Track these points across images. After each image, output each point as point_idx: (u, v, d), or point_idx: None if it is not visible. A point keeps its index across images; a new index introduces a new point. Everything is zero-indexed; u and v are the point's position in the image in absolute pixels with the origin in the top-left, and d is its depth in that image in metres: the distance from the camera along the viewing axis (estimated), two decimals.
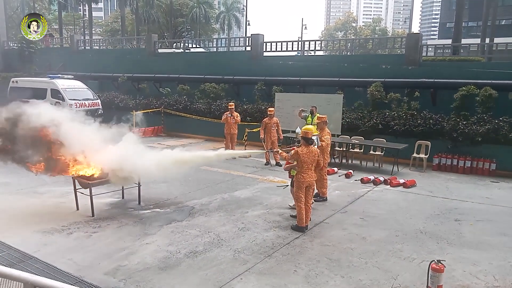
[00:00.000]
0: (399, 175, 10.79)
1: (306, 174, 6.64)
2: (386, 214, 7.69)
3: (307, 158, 6.58)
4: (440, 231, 6.83)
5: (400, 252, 5.94)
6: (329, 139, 8.44)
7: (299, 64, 16.51)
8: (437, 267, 4.48)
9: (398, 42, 16.03)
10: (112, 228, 6.63)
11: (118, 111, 19.04)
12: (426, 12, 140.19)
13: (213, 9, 54.13)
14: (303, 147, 6.63)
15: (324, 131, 8.41)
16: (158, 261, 5.46)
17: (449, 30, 42.57)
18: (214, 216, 7.36)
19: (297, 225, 6.72)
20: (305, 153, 6.57)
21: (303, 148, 6.62)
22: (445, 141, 11.89)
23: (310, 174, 6.71)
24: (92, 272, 5.10)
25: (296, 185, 6.74)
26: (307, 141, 6.64)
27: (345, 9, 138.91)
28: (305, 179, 6.65)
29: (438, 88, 13.02)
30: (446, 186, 9.94)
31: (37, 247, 5.73)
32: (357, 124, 13.08)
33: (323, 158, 8.02)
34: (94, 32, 46.08)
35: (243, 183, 9.79)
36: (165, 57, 21.14)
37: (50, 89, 18.25)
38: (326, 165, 8.50)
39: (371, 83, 13.69)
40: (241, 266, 5.38)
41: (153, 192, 8.55)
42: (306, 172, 6.65)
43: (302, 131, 6.77)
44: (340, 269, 5.35)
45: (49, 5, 46.84)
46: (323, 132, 8.39)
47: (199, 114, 16.64)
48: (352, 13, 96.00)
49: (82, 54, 24.29)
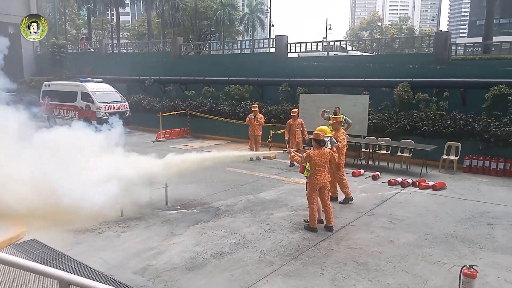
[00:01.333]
0: (428, 177, 10.54)
1: (319, 175, 6.65)
2: (414, 217, 7.52)
3: (319, 160, 6.59)
4: (472, 235, 6.62)
5: (430, 256, 5.80)
6: (345, 140, 8.39)
7: (323, 65, 16.38)
8: (469, 273, 4.35)
9: (425, 41, 15.66)
10: (141, 228, 6.77)
11: (145, 113, 19.50)
12: (455, 10, 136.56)
13: (237, 11, 54.43)
14: (315, 149, 6.65)
15: (340, 132, 8.36)
16: (185, 261, 5.53)
17: (479, 27, 41.35)
18: (239, 217, 7.39)
19: (309, 225, 6.75)
20: (317, 155, 6.58)
21: (314, 150, 6.64)
22: (476, 142, 11.52)
23: (323, 176, 6.71)
24: (122, 271, 5.22)
25: (309, 187, 6.75)
26: (319, 143, 6.64)
27: (371, 8, 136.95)
28: (318, 181, 6.66)
29: (468, 88, 12.63)
30: (478, 189, 9.64)
31: (70, 245, 5.91)
32: (384, 125, 12.86)
33: (339, 158, 7.95)
34: (121, 36, 47.25)
35: (268, 185, 9.79)
36: (190, 60, 21.44)
37: (80, 92, 18.80)
38: (342, 166, 8.41)
39: (398, 83, 13.43)
40: (267, 267, 5.38)
41: (180, 193, 8.67)
42: (319, 173, 6.65)
43: (313, 132, 6.77)
44: (368, 273, 5.27)
45: (79, 11, 48.28)
46: (339, 132, 8.33)
47: (224, 115, 16.76)
48: (378, 12, 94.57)
49: (110, 57, 24.91)
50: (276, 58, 17.56)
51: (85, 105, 18.57)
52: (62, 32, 38.89)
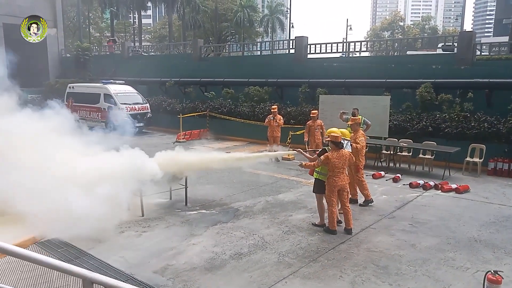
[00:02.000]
0: (451, 179, 10.31)
1: (338, 177, 6.60)
2: (437, 220, 7.37)
3: (337, 162, 6.52)
4: (497, 239, 6.44)
5: (452, 260, 5.67)
6: (363, 141, 8.27)
7: (344, 66, 16.26)
8: (494, 278, 4.24)
9: (449, 40, 15.34)
10: (161, 228, 6.85)
11: (166, 114, 19.75)
12: (480, 8, 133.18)
13: (257, 12, 54.53)
14: (333, 151, 6.58)
15: (358, 133, 8.27)
16: (204, 262, 5.57)
17: (505, 26, 40.16)
18: (258, 218, 7.40)
19: (329, 228, 6.70)
20: (335, 157, 6.52)
21: (333, 152, 6.57)
22: (501, 144, 11.21)
23: (342, 178, 6.66)
24: (142, 270, 5.30)
25: (328, 189, 6.69)
26: (337, 145, 6.59)
27: (392, 8, 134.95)
28: (337, 183, 6.60)
29: (493, 89, 12.31)
30: (503, 192, 9.36)
31: (92, 244, 6.04)
32: (405, 127, 12.66)
33: (358, 160, 7.86)
34: (143, 38, 48.01)
35: (287, 186, 9.77)
36: (210, 61, 21.61)
37: (103, 94, 19.22)
38: (362, 168, 8.32)
39: (420, 84, 13.20)
40: (285, 269, 5.37)
41: (199, 194, 8.75)
42: (338, 176, 6.60)
43: (331, 135, 6.65)
44: (388, 277, 5.19)
45: (102, 14, 49.32)
46: (357, 133, 8.24)
47: (243, 117, 16.83)
48: (399, 12, 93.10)
49: (132, 60, 25.35)
50: (296, 59, 17.52)
51: (108, 107, 18.96)
52: (86, 35, 39.80)
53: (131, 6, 42.57)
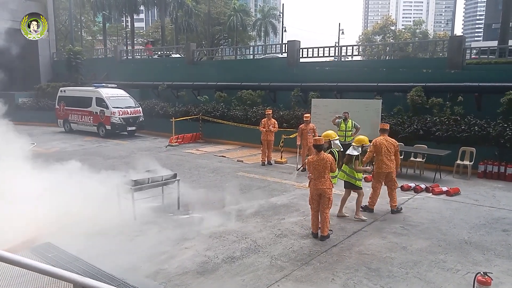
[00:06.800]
0: (441, 182, 10.41)
1: (318, 181, 6.47)
2: (428, 223, 7.44)
3: (318, 166, 6.45)
4: (487, 241, 6.52)
5: (443, 263, 5.72)
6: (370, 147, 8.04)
7: (336, 70, 16.38)
8: (484, 280, 4.27)
9: (439, 45, 15.52)
10: (153, 232, 6.83)
11: (158, 118, 19.71)
12: (470, 13, 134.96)
13: (249, 16, 54.79)
14: (314, 155, 6.60)
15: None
16: (196, 266, 5.56)
17: (495, 31, 40.66)
18: (251, 222, 7.41)
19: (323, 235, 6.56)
20: (315, 160, 6.50)
21: (313, 156, 6.59)
22: (491, 147, 11.34)
23: (323, 182, 6.48)
24: (134, 274, 5.27)
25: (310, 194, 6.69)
26: (317, 148, 6.59)
27: (384, 12, 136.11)
28: (317, 186, 6.47)
29: (483, 92, 12.47)
30: (493, 195, 9.47)
31: (83, 249, 5.98)
32: (396, 130, 12.74)
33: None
34: (136, 42, 47.87)
35: (280, 189, 9.79)
36: (203, 65, 21.61)
37: (95, 98, 19.13)
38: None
39: (411, 88, 13.34)
40: (278, 272, 5.38)
41: (191, 198, 8.71)
42: (319, 179, 6.47)
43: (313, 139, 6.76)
44: (380, 279, 5.22)
45: (94, 18, 49.14)
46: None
47: (236, 120, 16.83)
48: (391, 16, 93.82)
49: (124, 63, 25.28)
50: (289, 63, 17.61)
51: (100, 111, 18.88)
52: (78, 38, 39.61)
53: (124, 9, 42.47)
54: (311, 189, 6.65)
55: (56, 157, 12.25)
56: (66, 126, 20.78)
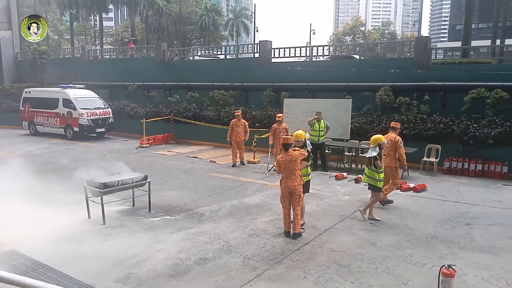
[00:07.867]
0: (409, 179, 10.71)
1: (288, 179, 6.55)
2: (396, 219, 7.64)
3: (287, 164, 6.53)
4: (451, 235, 6.76)
5: (410, 257, 5.89)
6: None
7: (307, 70, 16.56)
8: (448, 272, 4.44)
9: (407, 45, 15.97)
10: (123, 236, 6.70)
11: (129, 119, 19.34)
12: (436, 15, 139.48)
13: (221, 16, 54.55)
14: (282, 153, 6.67)
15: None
16: (168, 269, 5.50)
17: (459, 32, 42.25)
18: (223, 222, 7.39)
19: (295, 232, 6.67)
20: (284, 159, 6.57)
21: (282, 154, 6.65)
22: (455, 144, 11.77)
23: (293, 179, 6.54)
24: (103, 280, 5.16)
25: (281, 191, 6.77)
26: (284, 146, 6.66)
27: (354, 13, 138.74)
28: (288, 184, 6.55)
29: (447, 91, 12.92)
30: (457, 190, 9.84)
31: (50, 255, 5.81)
32: (366, 129, 13.02)
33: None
34: (104, 41, 46.76)
35: (252, 189, 9.81)
36: (174, 65, 21.37)
37: (62, 99, 18.60)
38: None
39: (380, 87, 13.65)
40: (250, 272, 5.40)
41: (163, 200, 8.62)
42: (289, 177, 6.54)
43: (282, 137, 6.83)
44: (350, 275, 5.33)
45: (61, 16, 47.69)
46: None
47: (208, 121, 16.73)
48: (360, 17, 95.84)
49: (93, 63, 24.66)
50: (260, 63, 17.66)
51: (67, 112, 18.36)
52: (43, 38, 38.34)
53: (92, 8, 41.39)
54: (282, 188, 6.70)
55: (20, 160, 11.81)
56: (32, 129, 20.08)
